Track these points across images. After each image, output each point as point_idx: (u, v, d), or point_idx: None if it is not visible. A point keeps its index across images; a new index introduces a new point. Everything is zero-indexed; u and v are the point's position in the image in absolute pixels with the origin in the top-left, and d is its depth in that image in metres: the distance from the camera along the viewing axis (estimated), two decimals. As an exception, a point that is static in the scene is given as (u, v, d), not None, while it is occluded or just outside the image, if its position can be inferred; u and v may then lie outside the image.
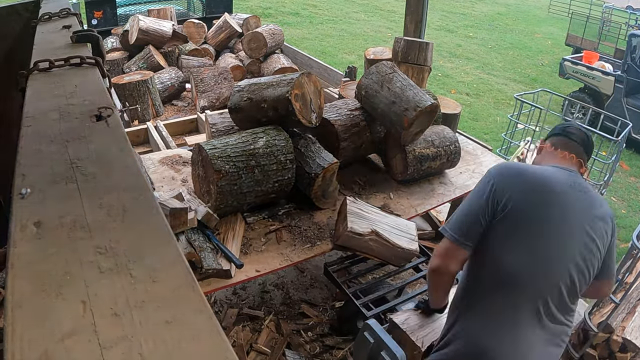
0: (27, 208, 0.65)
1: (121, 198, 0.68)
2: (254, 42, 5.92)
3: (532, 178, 1.51)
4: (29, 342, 0.45)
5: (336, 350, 2.70)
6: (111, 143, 0.83)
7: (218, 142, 2.18)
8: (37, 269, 0.55)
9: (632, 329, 2.50)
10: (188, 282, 0.54)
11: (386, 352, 1.85)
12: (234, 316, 2.86)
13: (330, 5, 14.12)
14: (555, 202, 1.47)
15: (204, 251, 1.93)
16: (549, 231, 1.45)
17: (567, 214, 1.46)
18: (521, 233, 1.46)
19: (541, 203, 1.46)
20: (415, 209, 2.59)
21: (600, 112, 4.77)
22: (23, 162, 0.76)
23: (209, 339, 0.47)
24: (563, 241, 1.46)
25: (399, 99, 2.49)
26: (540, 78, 9.80)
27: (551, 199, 1.47)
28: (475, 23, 14.03)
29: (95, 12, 6.03)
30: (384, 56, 3.73)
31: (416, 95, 2.49)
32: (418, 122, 2.52)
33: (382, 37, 11.37)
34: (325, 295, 3.13)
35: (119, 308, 0.50)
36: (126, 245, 0.59)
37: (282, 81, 2.32)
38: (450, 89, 8.59)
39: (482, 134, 6.70)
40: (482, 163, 3.10)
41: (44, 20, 1.61)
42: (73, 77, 1.11)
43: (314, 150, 2.42)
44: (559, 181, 1.51)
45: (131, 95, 4.57)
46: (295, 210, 2.43)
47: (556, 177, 1.52)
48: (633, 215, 5.30)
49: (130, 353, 0.45)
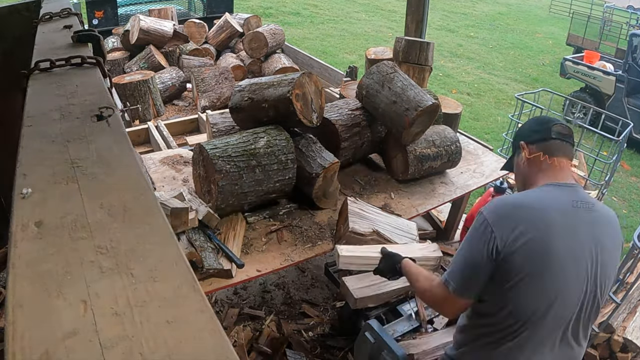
0: (28, 208, 0.65)
1: (122, 198, 0.68)
2: (255, 42, 5.92)
3: (531, 211, 1.36)
4: (29, 341, 0.45)
5: (337, 350, 2.70)
6: (112, 143, 0.83)
7: (219, 141, 2.18)
8: (38, 268, 0.55)
9: (633, 329, 2.50)
10: (189, 282, 0.54)
11: (387, 352, 1.85)
12: (234, 316, 2.86)
13: (331, 5, 14.12)
14: (561, 232, 1.34)
15: (204, 251, 1.93)
16: (560, 263, 1.34)
17: (575, 241, 1.36)
18: (532, 271, 1.33)
19: (547, 236, 1.33)
20: (416, 208, 2.59)
21: (601, 112, 4.76)
22: (24, 162, 0.76)
23: (209, 339, 0.47)
24: (576, 269, 1.36)
25: (400, 99, 2.49)
26: (541, 78, 9.79)
27: (556, 229, 1.34)
28: (476, 23, 14.02)
29: (96, 12, 6.03)
30: (385, 56, 3.72)
31: (417, 95, 2.49)
32: (419, 122, 2.51)
33: (383, 36, 11.37)
34: (326, 295, 3.13)
35: (120, 308, 0.50)
36: (127, 245, 0.59)
37: (283, 81, 2.32)
38: (451, 88, 8.58)
39: (483, 134, 6.69)
40: (483, 163, 3.10)
41: (45, 20, 1.61)
42: (74, 77, 1.11)
43: (315, 149, 2.42)
44: (560, 206, 1.38)
45: (132, 95, 4.57)
46: (296, 210, 2.43)
47: (557, 202, 1.39)
48: (634, 215, 5.30)
49: (131, 353, 0.45)
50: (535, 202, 1.39)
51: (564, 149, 1.49)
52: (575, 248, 1.36)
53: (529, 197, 1.44)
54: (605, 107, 6.98)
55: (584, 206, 1.39)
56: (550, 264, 1.34)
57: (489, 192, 3.65)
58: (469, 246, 1.41)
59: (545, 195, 1.42)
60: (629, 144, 5.74)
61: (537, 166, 1.50)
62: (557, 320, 1.40)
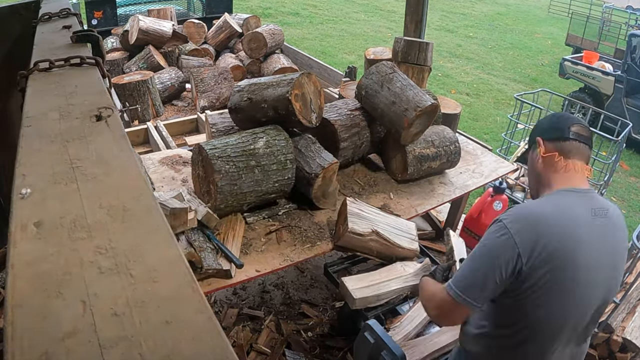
0: (27, 208, 0.65)
1: (121, 198, 0.68)
2: (254, 42, 5.92)
3: (553, 223, 1.31)
4: (29, 342, 0.45)
5: (336, 350, 2.70)
6: (111, 143, 0.83)
7: (218, 142, 2.18)
8: (37, 269, 0.55)
9: (632, 329, 2.50)
10: (188, 282, 0.54)
11: (386, 352, 1.85)
12: (234, 316, 2.86)
13: (330, 5, 14.12)
14: (584, 245, 1.31)
15: (204, 251, 1.93)
16: (583, 276, 1.32)
17: (596, 252, 1.34)
18: (553, 285, 1.30)
19: (570, 250, 1.29)
20: (416, 209, 2.59)
21: (600, 112, 4.77)
22: (23, 162, 0.76)
23: (209, 339, 0.47)
24: (596, 280, 1.35)
25: (399, 99, 2.49)
26: (540, 78, 9.80)
27: (579, 243, 1.30)
28: (475, 23, 14.03)
29: (95, 12, 6.03)
30: (384, 56, 3.73)
31: (416, 96, 2.49)
32: (418, 123, 2.52)
33: (382, 37, 11.37)
34: (325, 295, 3.13)
35: (119, 308, 0.50)
36: (126, 245, 0.59)
37: (282, 81, 2.32)
38: (450, 89, 8.58)
39: (482, 134, 6.70)
40: (482, 163, 3.10)
41: (44, 20, 1.61)
42: (73, 77, 1.11)
43: (314, 150, 2.42)
44: (580, 217, 1.34)
45: (131, 95, 4.57)
46: (296, 210, 2.43)
47: (576, 212, 1.34)
48: (633, 215, 5.30)
49: (130, 353, 0.45)
50: (556, 213, 1.34)
51: (580, 151, 1.44)
52: (596, 260, 1.33)
53: (549, 206, 1.38)
54: (604, 108, 6.99)
55: (601, 214, 1.36)
56: (573, 278, 1.31)
57: (488, 192, 3.66)
58: (486, 254, 1.35)
59: (563, 204, 1.37)
60: (628, 144, 5.74)
61: (551, 166, 1.45)
62: (574, 329, 1.41)
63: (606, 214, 1.37)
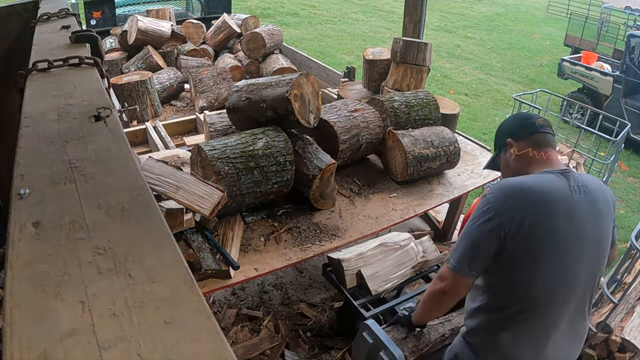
0: (25, 208, 0.65)
1: (120, 198, 0.68)
2: (253, 43, 5.92)
3: (533, 195, 1.42)
4: (27, 342, 0.45)
5: (335, 350, 2.70)
6: (110, 143, 0.83)
7: (217, 143, 2.18)
8: (36, 269, 0.54)
9: (630, 329, 2.50)
10: (187, 283, 0.54)
11: (385, 353, 1.85)
12: (232, 316, 2.86)
13: (329, 5, 14.12)
14: (562, 217, 1.40)
15: (203, 252, 1.93)
16: (564, 246, 1.41)
17: (576, 225, 1.42)
18: (537, 253, 1.40)
19: (549, 221, 1.40)
20: (414, 209, 2.59)
21: (598, 113, 4.77)
22: (22, 163, 0.76)
23: (207, 340, 0.47)
24: (580, 251, 1.43)
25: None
26: (538, 78, 9.81)
27: (557, 215, 1.40)
28: (474, 23, 14.04)
29: (94, 13, 6.02)
30: (382, 56, 3.73)
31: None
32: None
33: (381, 37, 11.37)
34: (324, 295, 3.13)
35: (118, 308, 0.50)
36: (125, 245, 0.59)
37: (281, 81, 2.32)
38: (448, 89, 8.59)
39: (481, 134, 6.70)
40: (480, 163, 3.10)
41: (42, 21, 1.61)
42: (72, 78, 1.11)
43: (311, 151, 2.42)
44: (557, 190, 1.44)
45: (130, 95, 4.57)
46: (294, 210, 2.43)
47: (552, 186, 1.45)
48: (632, 215, 5.31)
49: (128, 353, 0.45)
50: (535, 186, 1.44)
51: (548, 141, 1.57)
52: (579, 233, 1.42)
53: (529, 180, 1.48)
54: (602, 108, 6.99)
55: (580, 190, 1.46)
56: (554, 247, 1.40)
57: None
58: (473, 228, 1.46)
59: (543, 181, 1.47)
60: (626, 145, 5.75)
61: (526, 160, 1.57)
62: (566, 302, 1.46)
63: (586, 190, 1.46)
